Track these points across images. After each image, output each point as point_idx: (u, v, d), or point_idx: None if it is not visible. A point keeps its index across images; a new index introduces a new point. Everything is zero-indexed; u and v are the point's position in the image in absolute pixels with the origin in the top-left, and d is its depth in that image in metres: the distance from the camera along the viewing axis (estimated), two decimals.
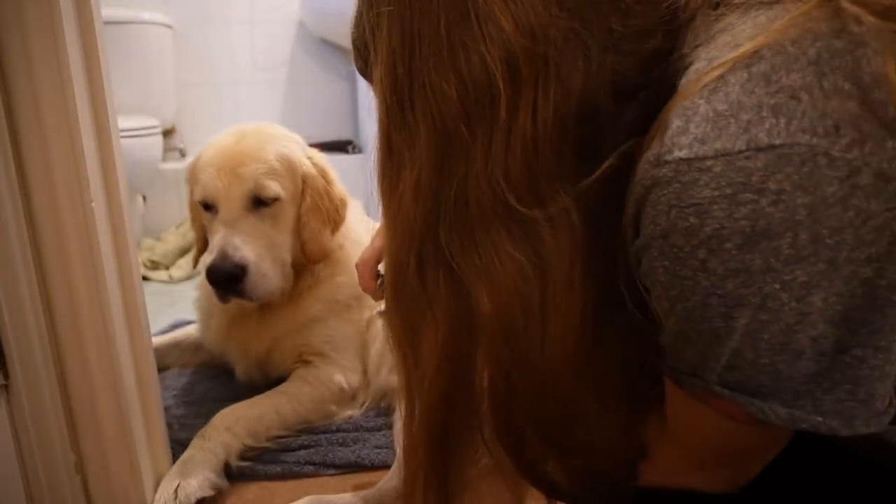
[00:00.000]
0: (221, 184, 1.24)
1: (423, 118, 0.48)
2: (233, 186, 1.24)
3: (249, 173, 1.24)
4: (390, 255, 0.54)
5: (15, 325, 0.82)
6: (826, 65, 0.40)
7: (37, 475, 0.88)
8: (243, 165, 1.24)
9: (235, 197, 1.24)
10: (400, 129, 0.50)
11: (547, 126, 0.46)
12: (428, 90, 0.47)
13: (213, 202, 1.26)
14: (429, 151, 0.49)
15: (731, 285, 0.42)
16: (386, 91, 0.50)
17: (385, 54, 0.49)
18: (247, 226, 1.24)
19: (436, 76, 0.47)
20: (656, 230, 0.44)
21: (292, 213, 1.31)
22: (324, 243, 1.33)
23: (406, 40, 0.48)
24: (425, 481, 0.56)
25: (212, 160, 1.27)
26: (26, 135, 0.81)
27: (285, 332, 1.37)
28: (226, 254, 1.20)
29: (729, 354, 0.45)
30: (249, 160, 1.25)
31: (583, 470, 0.57)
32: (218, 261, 1.20)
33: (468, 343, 0.52)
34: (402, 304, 0.54)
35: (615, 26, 0.46)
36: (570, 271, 0.48)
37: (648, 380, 0.59)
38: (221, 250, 1.21)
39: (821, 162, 0.39)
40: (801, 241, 0.40)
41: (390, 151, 0.52)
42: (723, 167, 0.41)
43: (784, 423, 0.45)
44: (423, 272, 0.51)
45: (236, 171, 1.24)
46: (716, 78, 0.43)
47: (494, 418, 0.53)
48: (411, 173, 0.50)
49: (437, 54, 0.46)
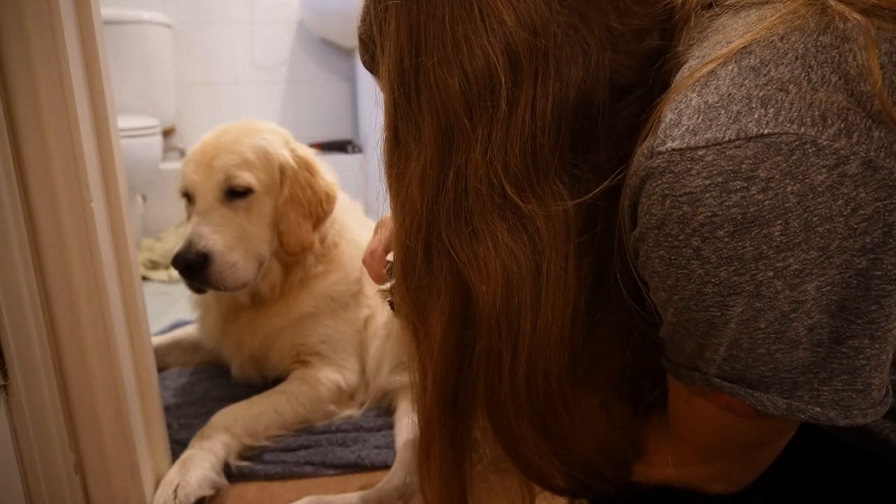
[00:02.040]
0: (198, 176, 1.27)
1: (428, 110, 0.50)
2: (207, 178, 1.26)
3: (220, 164, 1.26)
4: (398, 241, 0.55)
5: (14, 325, 0.82)
6: (813, 59, 0.41)
7: (36, 475, 0.88)
8: (216, 158, 1.27)
9: (208, 188, 1.26)
10: (406, 120, 0.51)
11: (545, 119, 0.47)
12: (433, 82, 0.49)
13: (191, 194, 1.29)
14: (433, 142, 0.50)
15: (725, 273, 0.43)
16: (393, 83, 0.51)
17: (392, 48, 0.50)
18: (218, 216, 1.26)
19: (440, 69, 0.48)
20: (651, 220, 0.45)
21: (269, 206, 1.31)
22: (302, 236, 1.33)
23: (412, 34, 0.49)
24: (441, 444, 0.57)
25: (193, 154, 1.30)
26: (26, 135, 0.81)
27: (279, 329, 1.37)
28: (191, 242, 1.22)
29: (726, 345, 0.46)
30: (223, 152, 1.27)
31: (577, 466, 0.57)
32: (182, 249, 1.22)
33: (468, 324, 0.53)
34: (411, 288, 0.55)
35: (614, 24, 0.48)
36: (564, 263, 0.49)
37: (649, 379, 0.59)
38: (188, 239, 1.23)
39: (809, 150, 0.40)
40: (792, 229, 0.41)
41: (397, 142, 0.53)
42: (714, 156, 0.42)
43: (783, 415, 0.46)
44: (429, 258, 0.53)
45: (210, 163, 1.27)
46: (707, 73, 0.44)
47: (488, 404, 0.55)
48: (417, 163, 0.51)
49: (441, 48, 0.48)
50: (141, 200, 2.64)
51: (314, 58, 3.02)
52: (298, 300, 1.37)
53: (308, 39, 2.99)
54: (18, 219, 0.81)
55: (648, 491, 0.59)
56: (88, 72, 0.85)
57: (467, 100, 0.48)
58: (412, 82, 0.50)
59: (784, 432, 0.52)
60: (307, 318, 1.38)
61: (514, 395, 0.52)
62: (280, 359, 1.39)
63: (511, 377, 0.52)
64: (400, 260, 0.56)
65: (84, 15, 0.84)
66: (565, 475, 0.58)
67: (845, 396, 0.45)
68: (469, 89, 0.47)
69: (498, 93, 0.47)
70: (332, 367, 1.34)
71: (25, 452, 0.86)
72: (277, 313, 1.37)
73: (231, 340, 1.41)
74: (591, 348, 0.55)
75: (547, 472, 0.57)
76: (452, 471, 0.58)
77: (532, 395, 0.52)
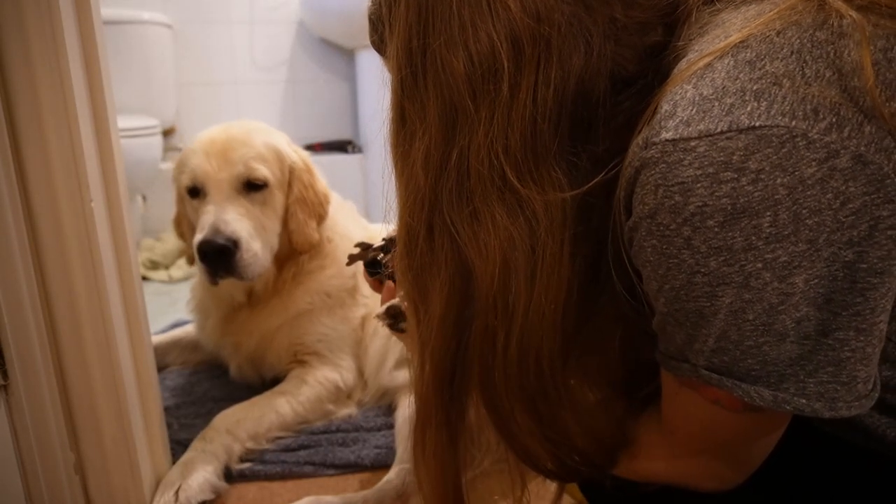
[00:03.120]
0: (211, 167, 1.25)
1: (433, 90, 0.51)
2: (222, 170, 1.25)
3: (239, 157, 1.25)
4: (402, 219, 0.56)
5: (14, 325, 0.82)
6: (808, 54, 0.42)
7: (36, 475, 0.88)
8: (233, 150, 1.26)
9: (225, 179, 1.25)
10: (412, 100, 0.52)
11: (546, 105, 0.48)
12: (439, 64, 0.50)
13: (201, 185, 1.26)
14: (437, 123, 0.51)
15: (715, 263, 0.44)
16: (401, 63, 0.52)
17: (401, 28, 0.51)
18: (238, 206, 1.25)
19: (446, 50, 0.49)
20: (644, 209, 0.46)
21: (280, 202, 1.33)
22: (309, 234, 1.34)
23: (420, 15, 0.50)
24: (436, 423, 0.58)
25: (199, 147, 1.28)
26: (26, 135, 0.81)
27: (276, 328, 1.37)
28: (217, 228, 1.20)
29: (715, 336, 0.46)
30: (238, 145, 1.27)
31: (566, 450, 0.58)
32: (210, 234, 1.19)
33: (467, 302, 0.54)
34: (413, 266, 0.56)
35: (618, 16, 0.49)
36: (559, 249, 0.50)
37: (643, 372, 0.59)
38: (213, 225, 1.21)
39: (799, 144, 0.40)
40: (782, 221, 0.41)
41: (403, 122, 0.54)
42: (706, 147, 0.42)
43: (769, 406, 0.46)
44: (431, 236, 0.54)
45: (226, 154, 1.25)
46: (704, 66, 0.45)
47: (482, 383, 0.55)
48: (421, 142, 0.52)
49: (448, 30, 0.49)
50: (141, 200, 2.63)
51: (314, 58, 3.02)
52: (294, 297, 1.38)
53: (308, 39, 2.99)
54: (18, 219, 0.81)
55: (647, 491, 0.59)
56: (88, 72, 0.85)
57: (471, 82, 0.49)
58: (419, 63, 0.51)
59: (773, 427, 0.52)
60: (304, 315, 1.38)
61: (506, 374, 0.53)
62: (278, 358, 1.39)
63: (504, 357, 0.53)
64: (403, 238, 0.56)
65: (84, 15, 0.84)
66: (554, 458, 0.59)
67: (830, 388, 0.45)
68: (473, 72, 0.48)
69: (501, 77, 0.48)
70: (329, 367, 1.35)
71: (25, 452, 0.86)
72: (273, 312, 1.37)
73: (229, 342, 1.41)
74: (586, 337, 0.56)
75: (537, 453, 0.58)
76: (447, 450, 0.59)
77: (523, 376, 0.53)
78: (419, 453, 0.61)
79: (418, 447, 0.61)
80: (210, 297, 1.43)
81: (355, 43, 2.76)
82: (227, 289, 1.36)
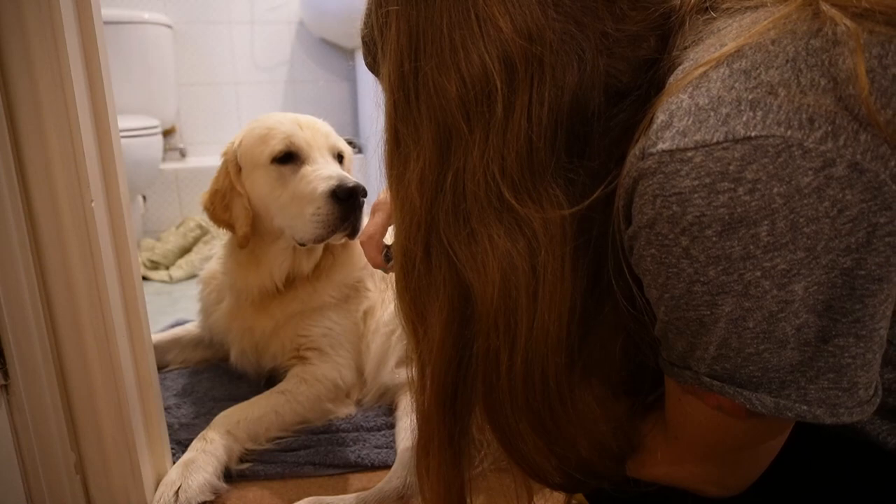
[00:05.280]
0: (307, 135, 1.30)
1: (426, 113, 0.50)
2: (316, 138, 1.31)
3: (325, 130, 1.34)
4: (399, 242, 0.56)
5: (15, 325, 0.82)
6: (803, 62, 0.42)
7: (37, 475, 0.88)
8: (316, 124, 1.33)
9: (323, 145, 1.31)
10: (406, 122, 0.52)
11: (541, 123, 0.48)
12: (431, 86, 0.49)
13: (299, 150, 1.29)
14: (432, 145, 0.51)
15: (714, 272, 0.44)
16: (394, 86, 0.52)
17: (392, 51, 0.51)
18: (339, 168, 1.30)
19: (438, 73, 0.49)
20: (643, 219, 0.46)
21: None
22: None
23: (412, 39, 0.50)
24: (439, 442, 0.58)
25: (285, 118, 1.32)
26: (26, 135, 0.81)
27: (294, 314, 1.37)
28: (346, 178, 1.23)
29: (716, 344, 0.46)
30: (316, 122, 1.34)
31: (573, 463, 0.58)
32: (351, 182, 1.21)
33: (467, 323, 0.54)
34: (411, 287, 0.56)
35: (609, 30, 0.48)
36: (561, 265, 0.50)
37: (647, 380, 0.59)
38: (341, 176, 1.23)
39: (795, 153, 0.40)
40: (779, 229, 0.41)
41: (397, 144, 0.54)
42: (702, 158, 0.42)
43: (771, 413, 0.46)
44: (428, 258, 0.54)
45: (314, 126, 1.32)
46: (699, 75, 0.45)
47: (487, 402, 0.55)
48: (416, 165, 0.52)
49: (439, 53, 0.49)
50: (141, 200, 2.64)
51: (314, 58, 3.03)
52: (321, 287, 1.38)
53: (308, 39, 2.99)
54: (19, 219, 0.81)
55: (647, 491, 0.59)
56: (88, 72, 0.85)
57: (464, 104, 0.49)
58: (411, 86, 0.51)
59: (776, 433, 0.52)
60: (321, 308, 1.38)
61: (511, 393, 0.53)
62: (281, 348, 1.38)
63: (509, 376, 0.52)
64: (400, 259, 0.56)
65: (84, 15, 0.84)
66: (561, 471, 0.58)
67: (832, 395, 0.45)
68: (466, 94, 0.48)
69: (494, 98, 0.48)
70: (329, 365, 1.34)
71: (26, 452, 0.86)
72: (297, 299, 1.37)
73: (240, 325, 1.39)
74: (589, 348, 0.55)
75: (543, 468, 0.58)
76: (451, 468, 0.59)
77: (529, 394, 0.53)
78: (423, 471, 0.61)
79: (422, 465, 0.61)
80: (226, 280, 1.41)
81: (355, 43, 2.76)
82: (266, 270, 1.35)
